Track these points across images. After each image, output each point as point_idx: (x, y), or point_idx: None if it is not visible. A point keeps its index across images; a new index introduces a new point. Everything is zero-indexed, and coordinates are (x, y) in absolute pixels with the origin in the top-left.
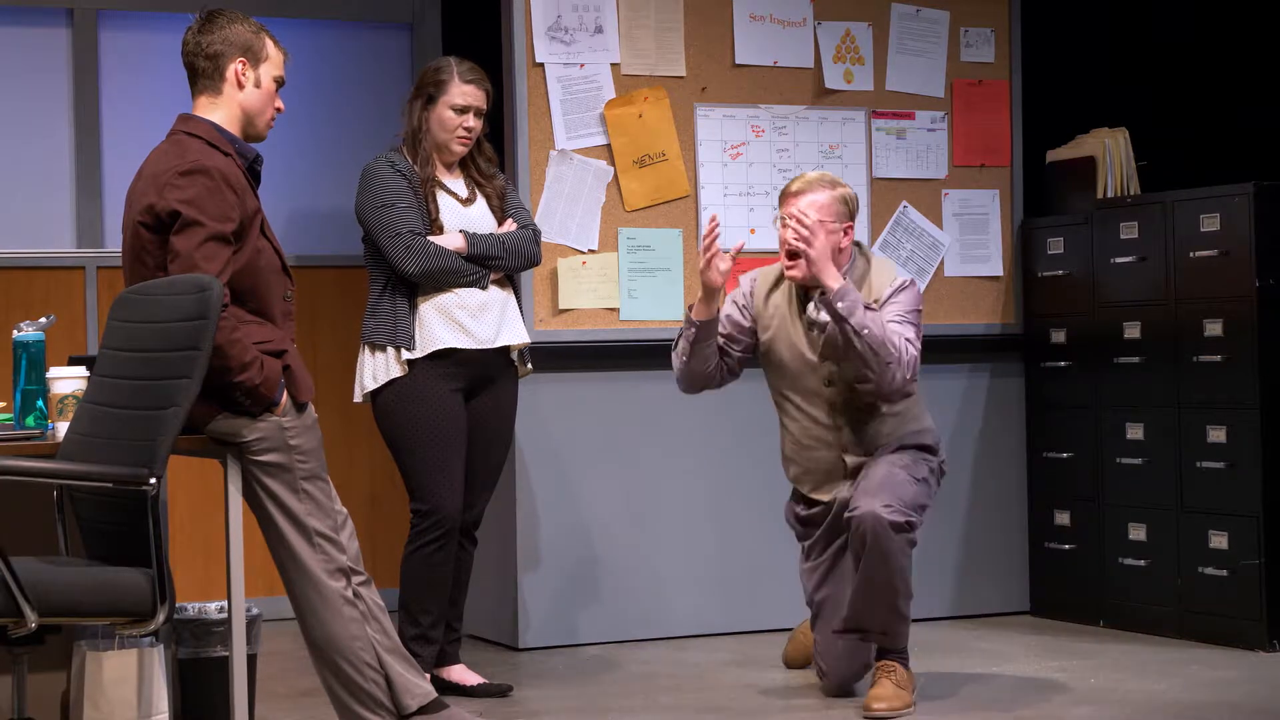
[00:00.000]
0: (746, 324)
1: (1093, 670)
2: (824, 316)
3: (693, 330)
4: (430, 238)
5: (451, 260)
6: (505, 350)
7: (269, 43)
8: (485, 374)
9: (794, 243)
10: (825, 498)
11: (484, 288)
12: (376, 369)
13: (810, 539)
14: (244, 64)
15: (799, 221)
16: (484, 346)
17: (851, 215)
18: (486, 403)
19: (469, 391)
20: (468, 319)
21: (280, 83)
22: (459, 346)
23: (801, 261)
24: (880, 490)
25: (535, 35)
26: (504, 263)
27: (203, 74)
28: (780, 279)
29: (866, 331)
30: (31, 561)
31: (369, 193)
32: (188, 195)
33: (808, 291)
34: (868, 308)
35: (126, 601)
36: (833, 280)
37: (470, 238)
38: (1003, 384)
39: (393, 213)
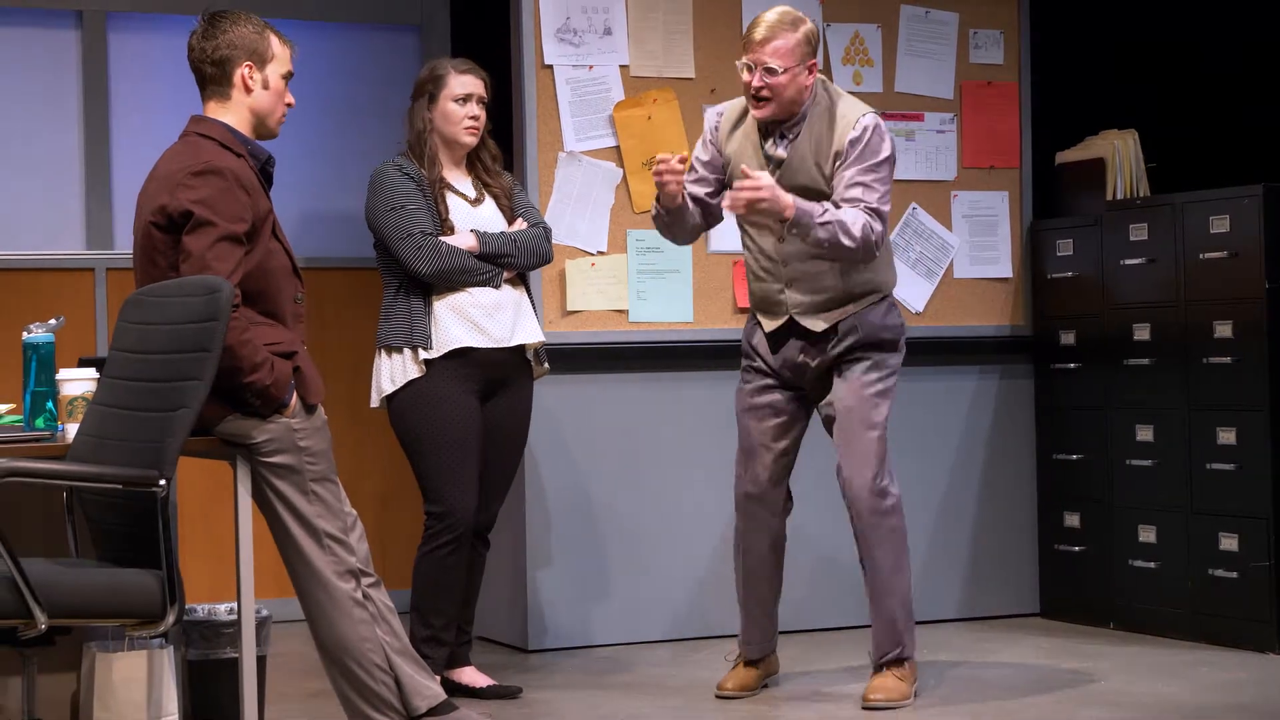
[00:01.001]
0: (718, 161)
1: (1103, 672)
2: (781, 152)
3: (666, 214)
4: (442, 238)
5: (464, 259)
6: (520, 350)
7: (274, 40)
8: (501, 375)
9: (740, 210)
10: (768, 326)
11: (497, 286)
12: (394, 371)
13: (749, 366)
14: (250, 67)
15: (753, 188)
16: (500, 345)
17: (815, 52)
18: (502, 404)
19: (485, 393)
20: (483, 318)
21: (289, 77)
22: (475, 345)
23: (770, 104)
24: (863, 458)
25: (544, 37)
26: (516, 260)
27: (210, 80)
28: (743, 116)
29: (826, 245)
30: (41, 563)
31: (378, 196)
32: (200, 195)
33: (768, 127)
34: (832, 215)
35: (136, 603)
36: (786, 210)
37: (482, 237)
38: (1012, 386)
39: (403, 215)
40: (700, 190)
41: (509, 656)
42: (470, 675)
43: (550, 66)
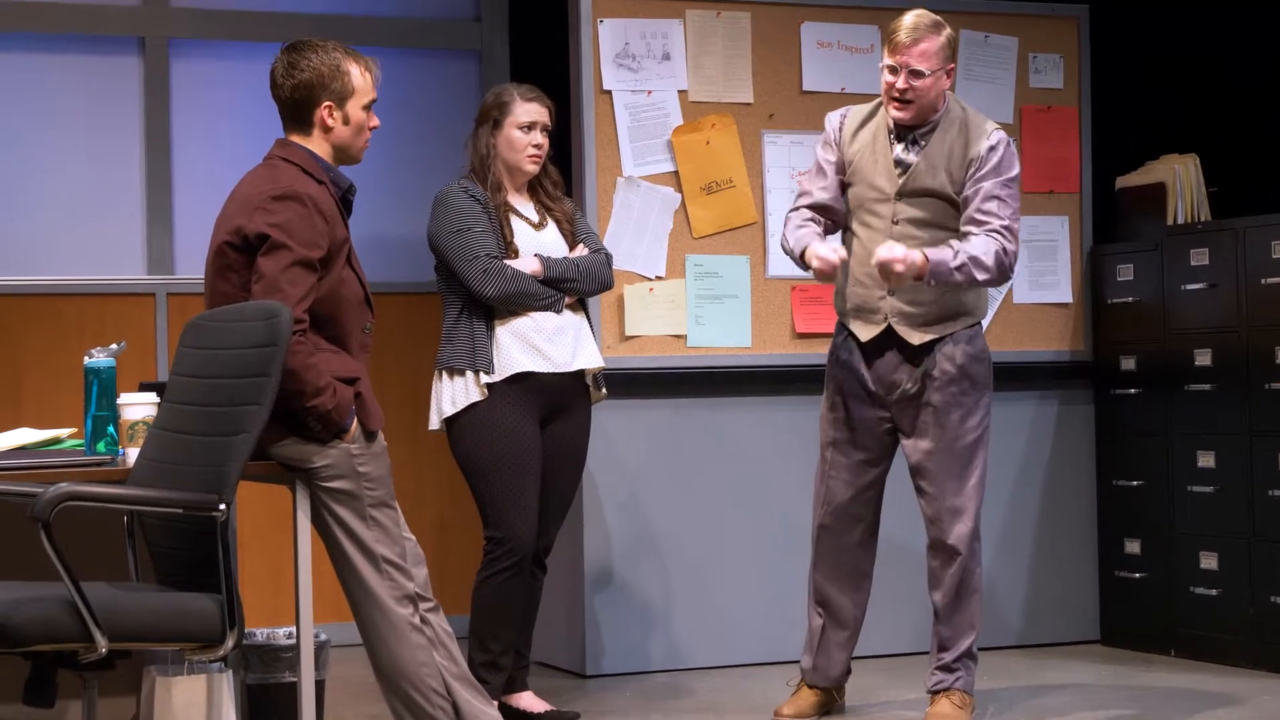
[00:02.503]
0: (840, 162)
1: (1163, 700)
2: (912, 157)
3: (809, 270)
4: (506, 261)
5: (528, 283)
6: (580, 375)
7: (354, 73)
8: (561, 400)
9: (890, 272)
10: (864, 335)
11: (558, 311)
12: (455, 394)
13: (836, 390)
14: (330, 107)
15: (889, 267)
16: (561, 370)
17: (954, 56)
18: (561, 429)
19: (544, 418)
20: (544, 342)
21: (372, 104)
22: (536, 370)
23: (913, 106)
24: (966, 509)
25: (603, 62)
26: (578, 286)
27: (291, 118)
28: (870, 117)
29: (964, 285)
30: (102, 586)
31: (444, 219)
32: (278, 220)
33: (900, 131)
34: (960, 260)
35: (196, 627)
36: (921, 271)
37: (545, 261)
38: (1072, 411)
39: (468, 237)
40: (827, 196)
41: (567, 681)
42: (528, 700)
43: (609, 92)
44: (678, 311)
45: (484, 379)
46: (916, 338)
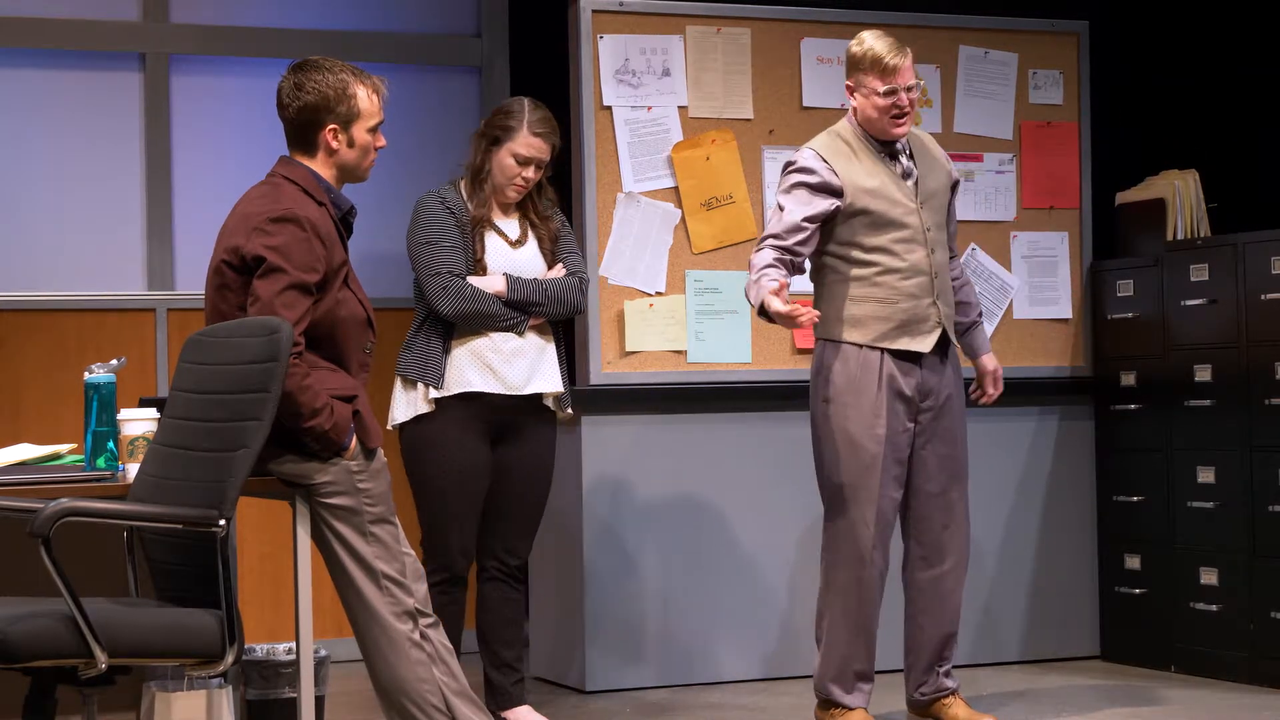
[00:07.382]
0: (836, 195)
1: (1163, 716)
2: (910, 166)
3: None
4: (471, 279)
5: (487, 303)
6: (537, 397)
7: (360, 96)
8: (514, 420)
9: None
10: (925, 345)
11: (520, 333)
12: (406, 402)
13: (882, 409)
14: (335, 130)
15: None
16: (513, 392)
17: None
18: (516, 450)
19: (496, 437)
20: (500, 363)
21: (378, 126)
22: (487, 390)
23: (910, 119)
24: (967, 511)
25: (603, 78)
26: (544, 309)
27: (296, 138)
28: (839, 144)
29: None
30: (102, 602)
31: (415, 228)
32: (275, 242)
33: (889, 148)
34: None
35: (196, 642)
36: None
37: (511, 281)
38: (1072, 427)
39: (434, 250)
40: (808, 249)
41: (565, 696)
42: (525, 715)
43: (609, 108)
44: (678, 327)
45: (432, 393)
46: (952, 339)
